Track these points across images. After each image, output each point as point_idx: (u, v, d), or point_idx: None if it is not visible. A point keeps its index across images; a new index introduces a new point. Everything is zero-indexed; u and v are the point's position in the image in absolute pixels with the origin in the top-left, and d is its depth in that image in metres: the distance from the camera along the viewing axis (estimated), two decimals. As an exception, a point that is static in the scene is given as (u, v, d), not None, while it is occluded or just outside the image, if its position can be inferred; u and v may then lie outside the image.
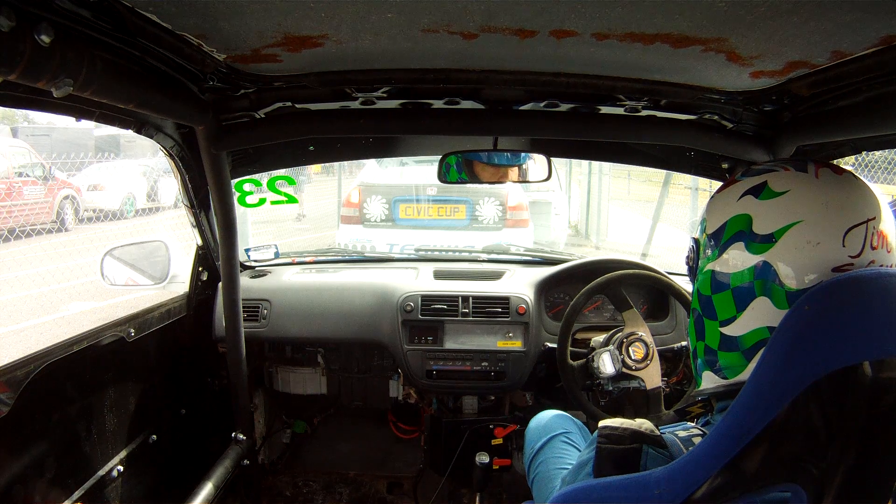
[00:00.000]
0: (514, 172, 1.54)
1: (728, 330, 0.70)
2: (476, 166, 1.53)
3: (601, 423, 0.74)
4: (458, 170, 1.53)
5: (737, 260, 0.68)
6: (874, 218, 0.65)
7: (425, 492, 2.17)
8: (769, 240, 0.66)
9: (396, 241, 4.25)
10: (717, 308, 0.71)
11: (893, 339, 0.58)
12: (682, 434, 0.72)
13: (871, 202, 0.66)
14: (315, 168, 11.86)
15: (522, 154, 1.54)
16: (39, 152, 8.88)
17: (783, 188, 0.67)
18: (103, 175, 9.60)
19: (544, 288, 1.96)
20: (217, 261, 1.77)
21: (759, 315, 0.66)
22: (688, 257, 0.80)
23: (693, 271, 0.78)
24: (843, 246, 0.63)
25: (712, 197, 0.77)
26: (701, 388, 0.78)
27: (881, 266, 0.64)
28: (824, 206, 0.65)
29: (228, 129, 1.36)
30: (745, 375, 0.69)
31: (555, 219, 5.57)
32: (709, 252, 0.73)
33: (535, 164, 1.54)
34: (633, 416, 0.76)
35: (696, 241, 0.77)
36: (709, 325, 0.73)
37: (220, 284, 1.75)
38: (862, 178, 0.69)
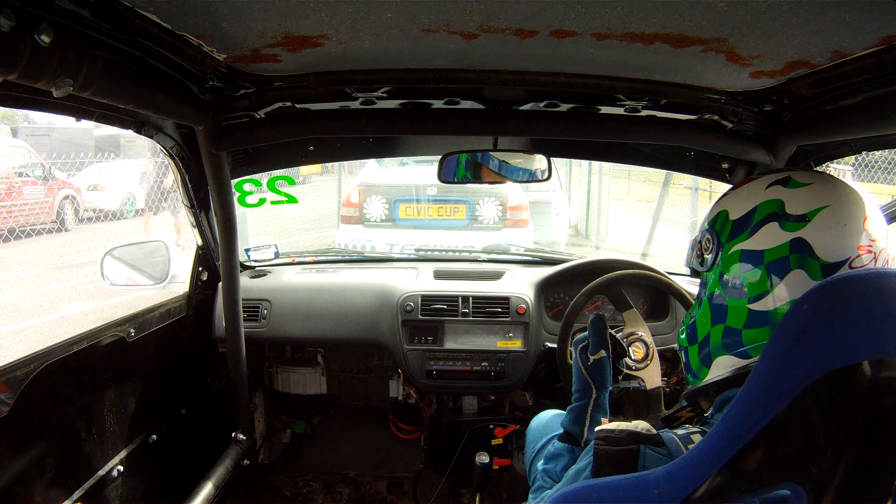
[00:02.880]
0: (514, 172, 1.54)
1: (757, 306, 0.73)
2: (476, 166, 1.53)
3: (597, 429, 0.74)
4: (459, 170, 1.53)
5: (771, 237, 0.72)
6: (868, 217, 0.72)
7: (425, 492, 2.17)
8: (803, 219, 0.71)
9: (396, 241, 4.25)
10: (746, 285, 0.74)
11: (892, 338, 0.58)
12: (681, 432, 0.72)
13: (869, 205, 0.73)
14: (315, 168, 11.86)
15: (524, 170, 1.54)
16: (39, 152, 8.86)
17: (808, 181, 0.74)
18: (103, 175, 9.59)
19: (544, 288, 1.96)
20: (217, 261, 1.77)
21: (793, 288, 0.70)
22: (702, 247, 0.81)
23: (710, 260, 0.79)
24: (864, 230, 0.70)
25: (728, 193, 0.81)
26: (707, 378, 0.78)
27: (890, 254, 0.70)
28: (846, 197, 0.72)
29: (228, 129, 1.35)
30: None
31: (555, 219, 5.57)
32: (737, 235, 0.75)
33: (536, 164, 1.54)
34: (633, 417, 0.76)
35: (714, 230, 0.79)
36: (733, 305, 0.75)
37: (220, 284, 1.75)
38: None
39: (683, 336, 0.85)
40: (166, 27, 0.87)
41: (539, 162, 1.53)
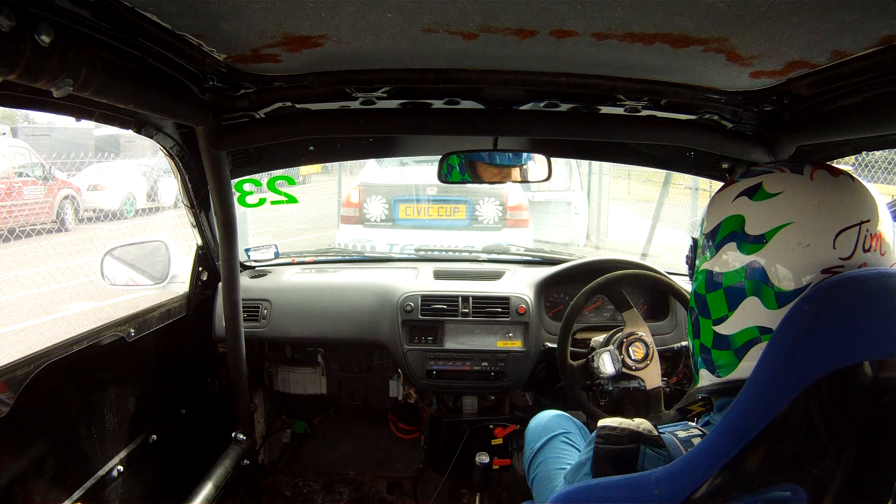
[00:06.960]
0: (513, 173, 1.54)
1: (720, 329, 0.71)
2: (476, 166, 1.53)
3: (600, 423, 0.75)
4: (459, 170, 1.53)
5: (730, 260, 0.70)
6: (868, 220, 0.64)
7: (425, 492, 2.17)
8: (760, 240, 0.67)
9: (396, 241, 4.25)
10: (710, 307, 0.72)
11: (894, 339, 0.58)
12: (682, 434, 0.72)
13: (867, 204, 0.66)
14: (315, 168, 11.87)
15: (524, 154, 1.54)
16: (39, 152, 8.87)
17: (777, 190, 0.68)
18: (103, 175, 9.59)
19: (544, 288, 1.96)
20: (217, 261, 1.77)
21: (750, 315, 0.67)
22: (687, 256, 0.82)
23: (692, 269, 0.79)
24: (834, 248, 0.63)
25: (712, 197, 0.78)
26: (699, 385, 0.79)
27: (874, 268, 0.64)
28: (816, 208, 0.65)
29: (228, 129, 1.36)
30: (737, 374, 0.70)
31: (574, 218, 5.57)
32: (706, 252, 0.74)
33: (535, 164, 1.54)
34: (633, 417, 0.77)
35: (694, 240, 0.79)
36: (703, 324, 0.74)
37: (220, 284, 1.75)
38: (860, 179, 0.69)
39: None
40: (166, 27, 0.87)
41: (539, 162, 1.53)
